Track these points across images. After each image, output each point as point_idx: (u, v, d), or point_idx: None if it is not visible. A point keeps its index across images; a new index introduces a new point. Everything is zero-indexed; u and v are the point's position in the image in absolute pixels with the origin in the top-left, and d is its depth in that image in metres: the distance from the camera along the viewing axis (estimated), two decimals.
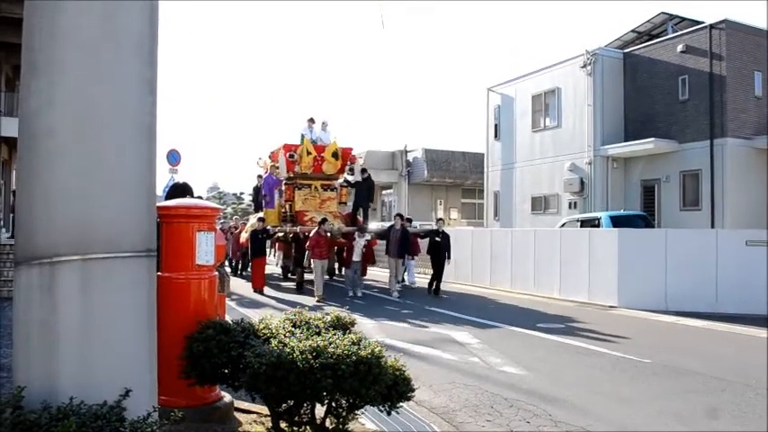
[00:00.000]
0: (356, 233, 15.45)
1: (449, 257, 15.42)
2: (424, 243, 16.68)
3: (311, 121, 19.26)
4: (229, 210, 45.51)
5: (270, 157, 20.18)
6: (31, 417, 2.24)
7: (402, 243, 15.17)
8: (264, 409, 5.03)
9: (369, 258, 15.88)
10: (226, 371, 4.26)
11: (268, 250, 21.10)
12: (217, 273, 5.20)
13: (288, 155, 18.14)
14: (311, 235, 14.68)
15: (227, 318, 5.32)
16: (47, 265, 2.55)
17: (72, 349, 2.55)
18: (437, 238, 15.30)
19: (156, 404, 2.66)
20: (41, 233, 2.60)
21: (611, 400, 6.20)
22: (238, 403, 5.29)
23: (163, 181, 16.24)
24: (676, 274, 12.71)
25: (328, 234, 15.46)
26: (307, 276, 17.22)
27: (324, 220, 15.39)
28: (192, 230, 4.79)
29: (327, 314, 4.76)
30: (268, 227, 17.01)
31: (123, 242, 2.68)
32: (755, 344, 9.25)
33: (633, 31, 23.24)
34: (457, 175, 32.32)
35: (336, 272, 20.22)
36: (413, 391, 4.19)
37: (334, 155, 18.54)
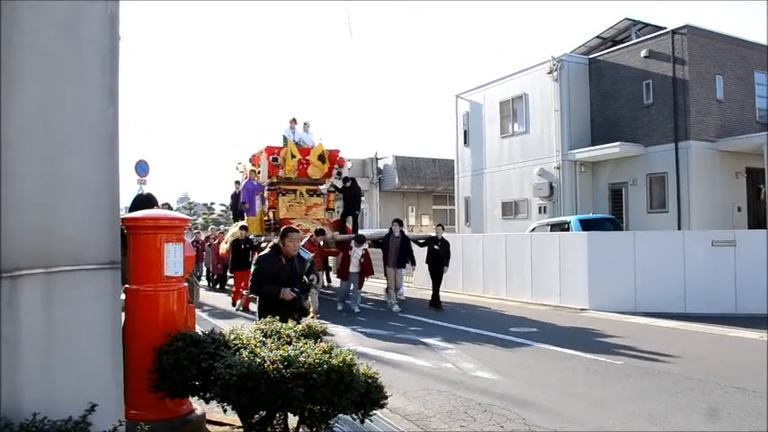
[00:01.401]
0: (353, 242, 13.96)
1: (446, 265, 14.28)
2: (421, 252, 14.71)
3: (293, 121, 18.08)
4: (200, 220, 44.99)
5: (250, 160, 18.76)
6: None
7: (402, 251, 13.93)
8: (237, 421, 4.95)
9: (368, 270, 14.32)
10: (197, 383, 4.20)
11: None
12: (186, 283, 5.13)
13: (271, 158, 16.88)
14: (302, 244, 13.38)
15: (198, 329, 5.23)
16: (7, 280, 2.47)
17: (35, 365, 2.47)
18: (436, 246, 14.16)
19: (122, 418, 2.60)
20: (3, 247, 2.52)
21: (585, 402, 6.23)
22: (210, 415, 5.22)
23: (130, 192, 15.64)
24: (645, 275, 12.87)
25: (320, 243, 14.14)
26: None
27: (321, 231, 14.18)
28: (161, 241, 4.72)
29: (298, 323, 4.71)
30: (251, 236, 15.63)
31: (87, 254, 2.62)
32: (725, 343, 9.39)
33: (598, 36, 23.58)
34: (428, 182, 32.41)
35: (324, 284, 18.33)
36: (386, 398, 4.17)
37: (321, 158, 17.43)
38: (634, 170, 20.13)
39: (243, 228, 15.32)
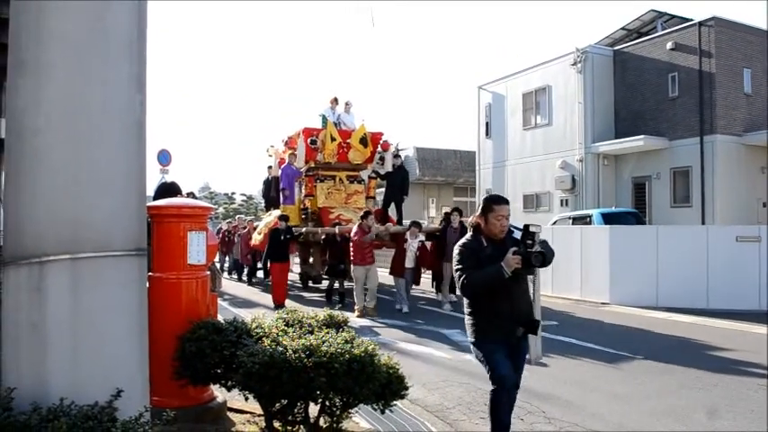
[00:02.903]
0: (408, 233, 12.50)
1: None
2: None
3: (334, 101, 16.60)
4: (221, 210, 45.25)
5: (286, 143, 17.21)
6: (21, 418, 2.21)
7: None
8: (257, 409, 5.00)
9: (428, 264, 12.89)
10: (218, 371, 4.25)
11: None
12: (208, 271, 5.18)
13: (309, 140, 15.50)
14: (354, 232, 11.80)
15: (220, 317, 5.28)
16: (36, 265, 2.53)
17: (62, 350, 2.53)
18: None
19: (147, 404, 2.64)
20: (30, 233, 2.58)
21: (605, 397, 6.20)
22: (231, 403, 5.27)
23: (154, 181, 15.48)
24: (667, 270, 12.74)
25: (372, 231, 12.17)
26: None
27: (367, 214, 12.13)
28: (184, 230, 4.77)
29: (319, 312, 4.73)
30: (292, 226, 14.01)
31: (114, 241, 2.66)
32: (746, 339, 9.28)
33: (623, 28, 23.32)
34: (449, 174, 32.32)
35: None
36: (406, 389, 4.18)
37: (363, 141, 15.91)
38: (658, 164, 19.93)
39: (283, 218, 13.69)
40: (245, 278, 18.70)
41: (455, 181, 33.09)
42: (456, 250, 4.31)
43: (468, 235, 4.38)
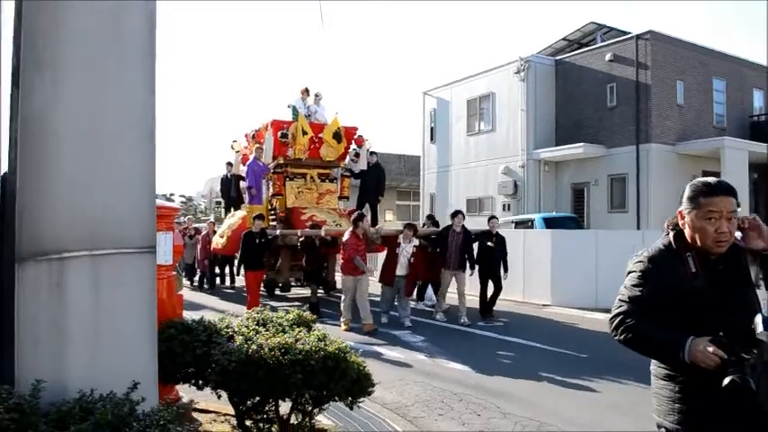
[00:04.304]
0: (401, 237, 11.08)
1: (506, 269, 11.67)
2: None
3: (305, 91, 15.27)
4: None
5: (253, 137, 15.73)
6: (65, 407, 2.28)
7: (463, 250, 11.28)
8: (223, 409, 5.08)
9: (421, 272, 11.50)
10: (190, 370, 4.29)
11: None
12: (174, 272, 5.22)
13: (279, 134, 14.12)
14: (346, 239, 10.43)
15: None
16: (55, 261, 2.58)
17: (82, 344, 2.59)
18: (489, 243, 11.59)
19: (157, 398, 2.73)
20: (49, 230, 2.63)
21: (555, 392, 6.50)
22: (197, 404, 5.31)
23: None
24: (606, 273, 13.24)
25: (365, 234, 10.96)
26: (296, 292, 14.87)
27: (361, 216, 10.83)
28: None
29: (287, 312, 4.83)
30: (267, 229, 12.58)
31: (129, 238, 2.74)
32: None
33: (564, 39, 24.10)
34: (392, 178, 32.58)
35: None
36: (373, 385, 4.36)
37: (336, 136, 14.63)
38: (596, 170, 20.66)
39: (259, 217, 12.29)
40: (196, 283, 17.42)
41: (398, 185, 33.40)
42: (635, 266, 2.54)
43: (662, 244, 2.59)
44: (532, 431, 5.22)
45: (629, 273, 2.55)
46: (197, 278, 17.47)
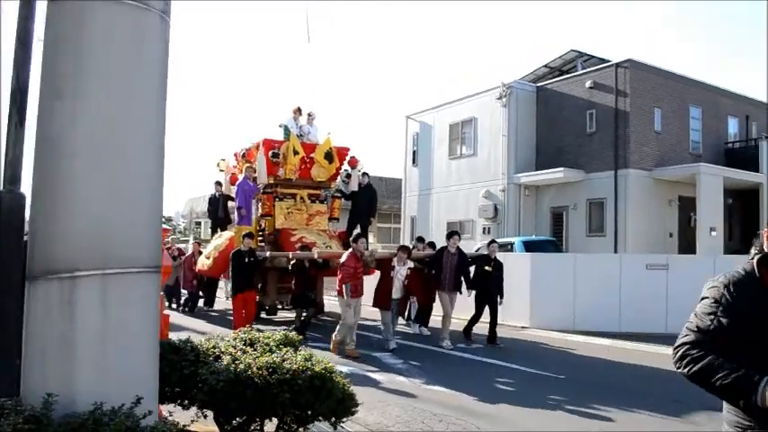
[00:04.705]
0: (395, 259, 10.87)
1: (501, 295, 11.58)
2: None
3: (297, 111, 15.07)
4: None
5: (243, 155, 15.29)
6: (79, 419, 2.40)
7: (459, 272, 11.16)
8: (208, 427, 5.15)
9: (418, 295, 11.59)
10: (176, 389, 4.38)
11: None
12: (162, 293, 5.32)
13: (270, 153, 13.89)
14: (344, 260, 10.00)
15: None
16: (67, 280, 2.71)
17: (90, 361, 2.70)
18: (487, 267, 11.44)
19: (157, 410, 2.85)
20: (62, 249, 2.76)
21: (534, 413, 6.64)
22: (186, 425, 5.36)
23: None
24: (583, 295, 13.50)
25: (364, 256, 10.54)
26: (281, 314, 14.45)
27: (360, 236, 10.92)
28: None
29: (274, 332, 4.95)
30: (256, 249, 12.32)
31: (137, 258, 2.88)
32: (657, 360, 10.00)
33: (546, 66, 24.56)
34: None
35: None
36: (356, 405, 4.48)
37: (328, 156, 14.48)
38: (575, 195, 21.00)
39: (248, 236, 11.99)
40: (174, 305, 16.67)
41: (380, 207, 33.49)
42: (709, 293, 2.28)
43: (743, 269, 2.25)
44: None
45: (702, 299, 2.28)
46: (183, 300, 16.89)
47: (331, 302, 15.18)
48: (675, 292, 13.08)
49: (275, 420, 4.25)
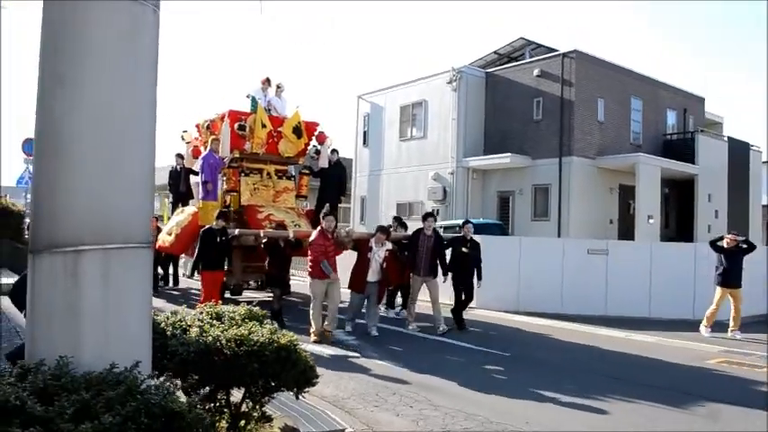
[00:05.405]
0: (372, 240, 10.42)
1: (479, 277, 11.22)
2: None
3: (266, 81, 14.34)
4: None
5: (207, 127, 14.35)
6: (95, 377, 2.58)
7: (434, 255, 10.80)
8: None
9: (395, 277, 11.10)
10: None
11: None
12: None
13: (236, 126, 13.15)
14: (312, 239, 9.71)
15: None
16: (71, 253, 2.89)
17: (94, 328, 2.91)
18: (464, 249, 11.15)
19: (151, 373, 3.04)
20: (66, 225, 2.95)
21: (482, 387, 6.97)
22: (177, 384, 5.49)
23: (15, 171, 13.88)
24: (528, 278, 13.99)
25: (336, 235, 10.21)
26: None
27: (329, 212, 10.33)
28: None
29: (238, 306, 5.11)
30: (226, 227, 11.34)
31: (134, 234, 3.08)
32: (596, 340, 10.54)
33: (495, 52, 25.03)
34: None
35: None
36: (317, 377, 4.72)
37: (296, 131, 13.78)
38: (521, 180, 21.59)
39: (222, 215, 11.24)
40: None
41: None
42: None
43: None
44: (460, 420, 5.68)
45: None
46: None
47: (300, 283, 14.65)
48: (615, 277, 13.72)
49: (242, 390, 4.44)
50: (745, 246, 11.48)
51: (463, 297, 11.19)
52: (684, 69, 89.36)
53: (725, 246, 11.33)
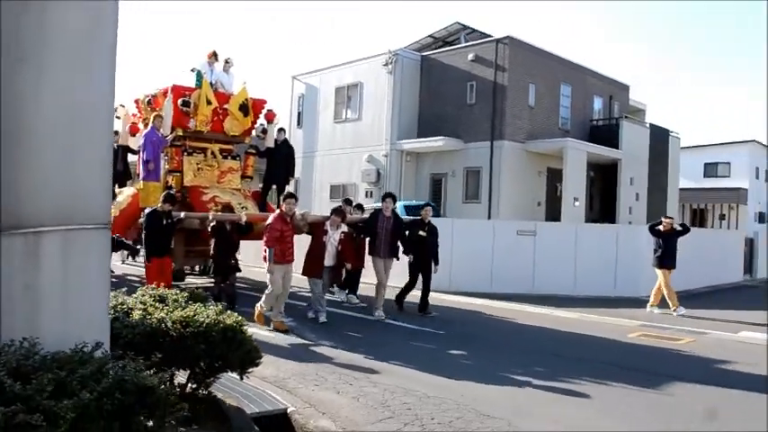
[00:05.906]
0: (328, 223, 10.14)
1: (436, 261, 10.97)
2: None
3: (213, 55, 13.56)
4: None
5: (148, 102, 13.53)
6: (64, 356, 2.62)
7: (394, 236, 10.60)
8: None
9: (352, 260, 10.74)
10: None
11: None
12: None
13: (180, 101, 12.44)
14: (270, 222, 9.12)
15: None
16: (31, 234, 2.92)
17: (54, 309, 2.95)
18: (422, 232, 10.84)
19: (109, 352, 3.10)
20: (27, 206, 2.97)
21: (420, 364, 7.20)
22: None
23: None
24: (459, 258, 14.35)
25: (295, 218, 9.72)
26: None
27: (289, 196, 9.70)
28: None
29: (182, 291, 5.15)
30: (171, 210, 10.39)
31: (93, 215, 3.12)
32: (524, 317, 10.98)
33: (430, 36, 25.27)
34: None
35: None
36: (260, 357, 4.84)
37: (243, 108, 13.22)
38: (454, 163, 22.00)
39: (169, 198, 10.28)
40: None
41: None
42: None
43: None
44: (399, 396, 5.90)
45: None
46: None
47: (253, 270, 14.38)
48: (542, 257, 14.27)
49: (187, 372, 4.51)
50: (679, 228, 12.27)
51: (421, 283, 10.96)
52: (613, 56, 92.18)
53: (661, 229, 12.01)
